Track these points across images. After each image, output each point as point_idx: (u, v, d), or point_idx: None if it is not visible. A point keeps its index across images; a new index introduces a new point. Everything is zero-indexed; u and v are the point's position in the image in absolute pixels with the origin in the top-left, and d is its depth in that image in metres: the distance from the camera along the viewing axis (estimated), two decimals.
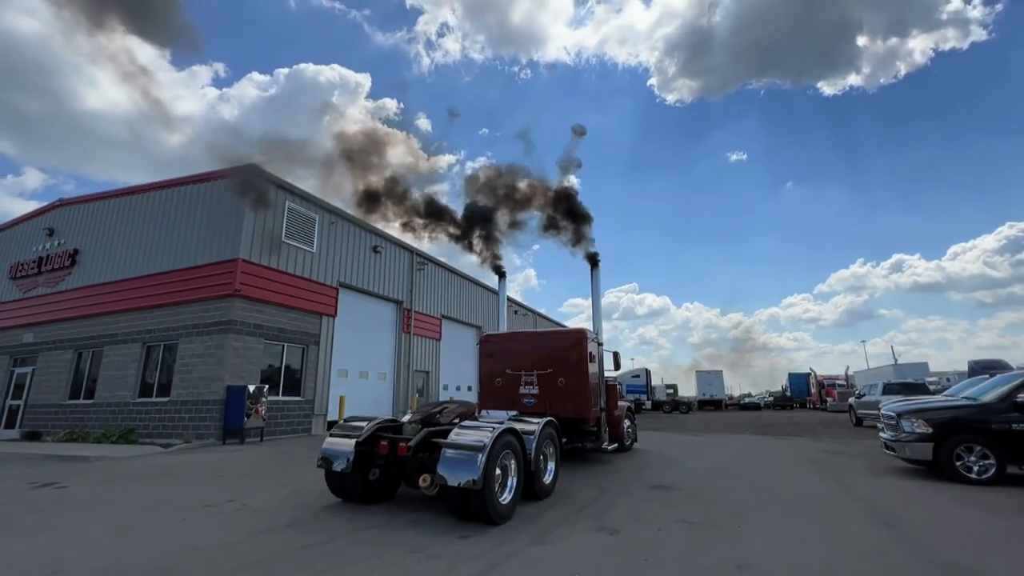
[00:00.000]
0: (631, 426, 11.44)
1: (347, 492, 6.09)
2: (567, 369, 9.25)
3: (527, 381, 9.46)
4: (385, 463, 5.89)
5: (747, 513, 5.74)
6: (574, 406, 9.08)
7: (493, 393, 9.69)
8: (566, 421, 8.94)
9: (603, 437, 9.68)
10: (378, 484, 6.04)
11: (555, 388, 9.23)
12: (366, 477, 5.93)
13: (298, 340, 14.29)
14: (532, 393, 9.39)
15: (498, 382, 9.68)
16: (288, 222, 14.21)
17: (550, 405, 9.11)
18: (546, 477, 6.61)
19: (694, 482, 7.69)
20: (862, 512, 5.82)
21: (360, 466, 5.82)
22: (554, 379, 9.27)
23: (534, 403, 9.28)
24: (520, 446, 5.91)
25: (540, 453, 6.39)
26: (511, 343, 10.01)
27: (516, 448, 5.79)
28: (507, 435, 5.59)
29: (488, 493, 5.05)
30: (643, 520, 5.38)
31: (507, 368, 9.64)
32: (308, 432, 14.20)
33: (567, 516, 5.53)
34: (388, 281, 18.62)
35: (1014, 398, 7.51)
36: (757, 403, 51.78)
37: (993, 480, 7.31)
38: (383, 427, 6.24)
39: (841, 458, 10.41)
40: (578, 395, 9.13)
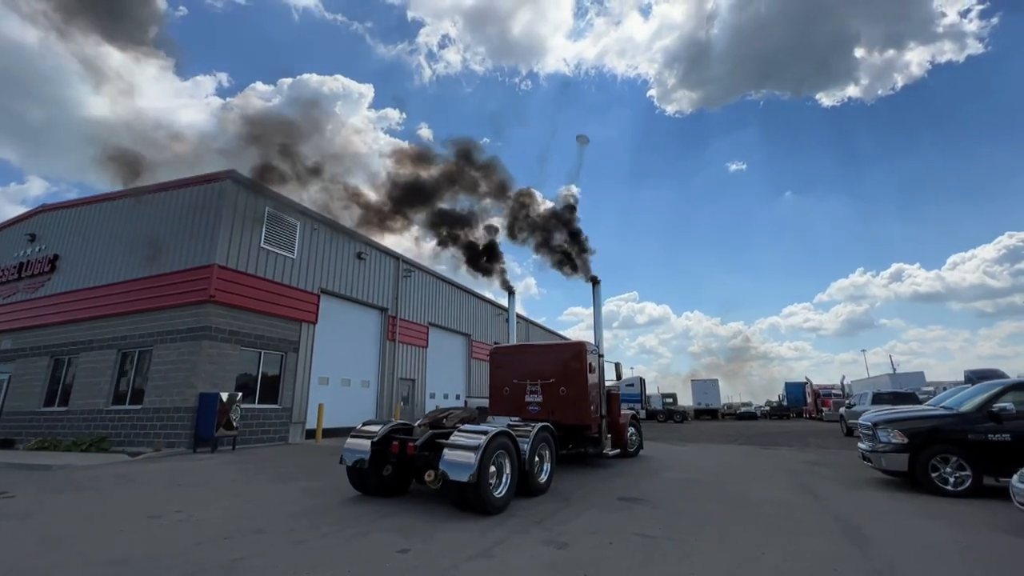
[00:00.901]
0: (635, 433, 11.84)
1: (365, 486, 6.86)
2: (568, 379, 9.79)
3: (532, 390, 10.04)
4: (397, 461, 6.70)
5: (709, 526, 5.56)
6: (574, 413, 9.61)
7: (501, 401, 10.34)
8: (568, 427, 9.62)
9: (604, 443, 10.15)
10: (391, 479, 6.89)
11: (557, 396, 9.77)
12: (381, 473, 6.79)
13: (276, 347, 14.11)
14: (536, 401, 9.96)
15: (506, 391, 10.32)
16: (268, 228, 14.10)
17: (552, 412, 9.65)
18: (541, 476, 7.25)
19: (664, 493, 7.49)
20: (828, 525, 5.65)
21: (376, 463, 6.65)
22: (556, 388, 9.81)
23: (538, 410, 9.84)
24: (515, 448, 6.59)
25: (536, 455, 7.09)
26: (517, 355, 10.67)
27: (510, 449, 6.48)
28: (501, 437, 6.28)
29: (483, 487, 5.76)
30: (598, 533, 5.20)
31: (514, 378, 10.27)
32: (285, 440, 13.97)
33: (522, 527, 5.35)
34: (373, 288, 18.46)
35: (990, 408, 7.35)
36: (753, 412, 51.42)
37: (969, 492, 7.13)
38: (396, 430, 7.02)
39: (822, 469, 10.22)
40: (578, 403, 9.65)
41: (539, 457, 7.26)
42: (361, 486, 6.89)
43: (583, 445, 10.01)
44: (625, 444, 11.19)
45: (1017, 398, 7.43)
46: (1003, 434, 7.15)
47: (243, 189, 13.51)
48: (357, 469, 6.71)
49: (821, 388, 45.63)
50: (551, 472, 7.51)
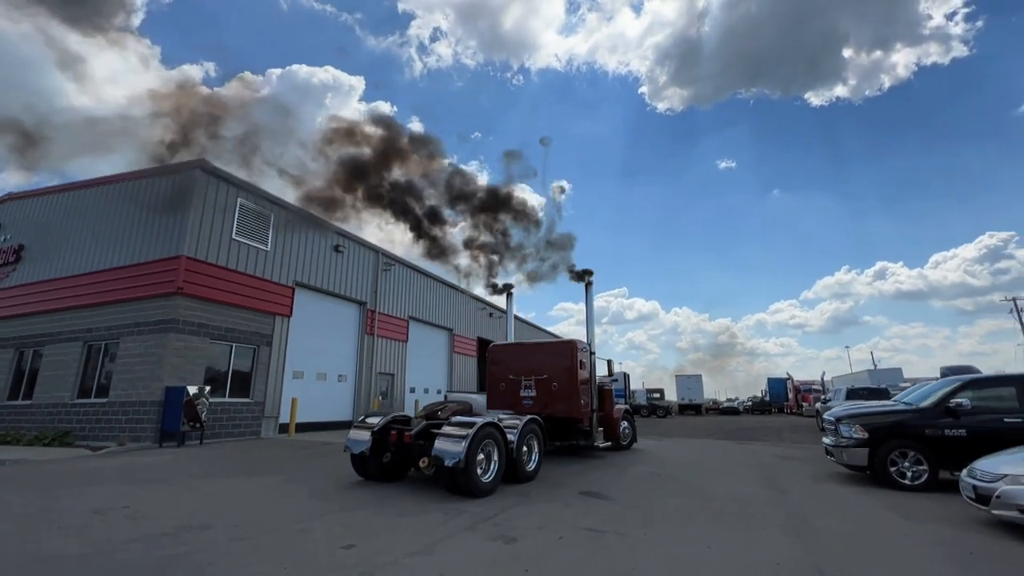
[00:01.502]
0: (628, 427, 12.41)
1: (368, 472, 7.44)
2: (559, 375, 10.32)
3: (526, 385, 10.57)
4: (395, 449, 7.27)
5: (664, 520, 5.55)
6: (565, 407, 10.16)
7: (497, 395, 10.85)
8: (560, 420, 10.30)
9: (595, 436, 10.70)
10: (391, 466, 7.46)
11: (549, 391, 10.32)
12: (381, 460, 7.37)
13: (248, 340, 13.87)
14: (530, 396, 10.49)
15: (502, 386, 10.83)
16: (240, 219, 13.83)
17: (545, 406, 10.19)
18: (530, 465, 7.82)
19: (628, 488, 7.49)
20: (783, 520, 5.66)
21: (376, 451, 7.25)
22: (549, 384, 10.36)
23: (532, 404, 10.33)
24: (502, 438, 7.12)
25: (524, 445, 7.67)
26: (513, 352, 11.22)
27: (498, 439, 7.01)
28: (488, 428, 6.81)
29: (471, 473, 6.33)
30: (549, 528, 5.16)
31: (509, 374, 10.79)
32: (257, 435, 13.77)
33: (474, 522, 5.29)
34: (351, 281, 18.24)
35: (947, 403, 7.44)
36: (736, 408, 51.93)
37: (925, 486, 7.22)
38: (395, 421, 7.54)
39: (790, 463, 10.31)
40: (569, 397, 10.18)
41: (527, 447, 7.85)
42: (364, 472, 7.50)
43: (575, 437, 10.59)
44: (618, 437, 11.72)
45: (973, 394, 7.54)
46: (959, 429, 7.24)
47: (214, 179, 13.22)
48: (360, 456, 7.30)
49: (802, 384, 46.31)
50: (539, 461, 8.05)
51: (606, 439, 11.40)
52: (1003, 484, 5.11)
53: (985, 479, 5.34)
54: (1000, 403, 7.39)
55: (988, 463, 5.61)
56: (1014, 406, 7.23)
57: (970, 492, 5.49)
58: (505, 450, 7.14)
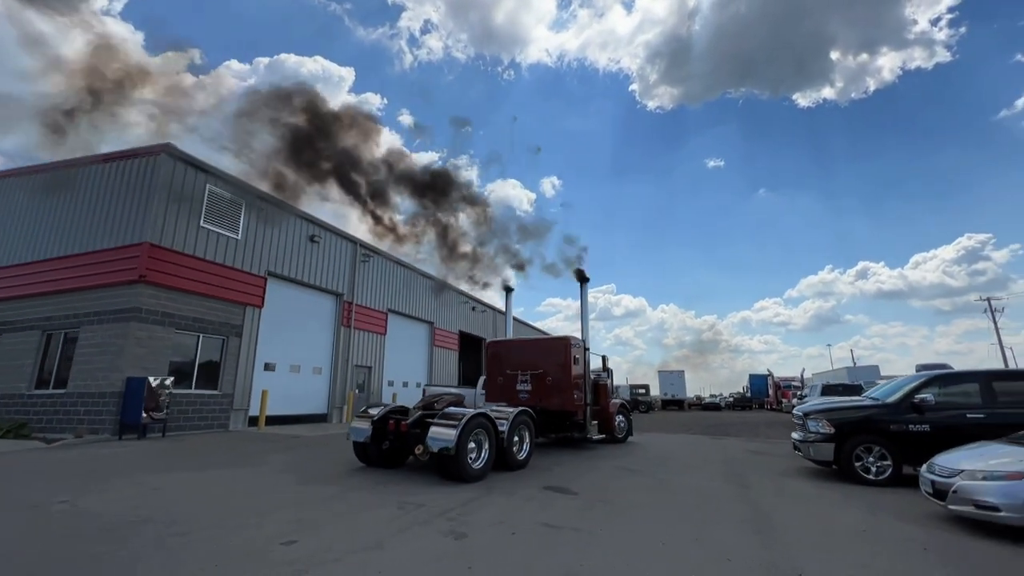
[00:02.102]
0: (624, 421, 12.68)
1: (369, 458, 7.98)
2: (554, 369, 10.70)
3: (522, 379, 10.95)
4: (394, 437, 7.67)
5: (623, 516, 5.45)
6: (559, 400, 10.54)
7: (495, 389, 11.25)
8: (554, 413, 10.61)
9: (589, 428, 10.97)
10: (390, 453, 7.92)
11: (544, 385, 10.70)
12: (381, 447, 7.84)
13: (217, 331, 13.49)
14: (526, 389, 10.88)
15: (500, 380, 11.25)
16: (208, 206, 13.40)
17: (540, 399, 10.57)
18: (521, 454, 8.22)
19: (594, 482, 7.40)
20: (743, 515, 5.61)
21: (376, 439, 7.69)
22: (544, 378, 10.74)
23: (528, 397, 10.71)
24: (493, 428, 7.54)
25: (515, 435, 8.09)
26: (510, 348, 11.68)
27: (488, 429, 7.44)
28: (479, 418, 7.25)
29: (461, 460, 6.76)
30: (505, 523, 5.02)
31: (507, 369, 11.21)
32: (225, 427, 13.43)
33: (428, 517, 5.13)
34: (327, 272, 17.87)
35: (912, 399, 7.46)
36: (718, 403, 52.57)
37: (889, 481, 7.24)
38: (393, 411, 7.95)
39: (761, 459, 10.33)
40: (562, 391, 10.57)
41: (519, 437, 8.25)
42: (365, 459, 8.01)
43: (569, 430, 10.91)
44: (613, 430, 12.01)
45: (938, 390, 7.57)
46: (923, 424, 7.27)
47: (181, 164, 12.78)
48: (361, 444, 7.80)
49: (782, 380, 46.85)
50: (530, 450, 8.47)
51: (601, 432, 11.65)
52: (960, 479, 5.09)
53: (943, 474, 5.33)
54: (963, 399, 7.44)
55: (946, 458, 5.60)
56: (977, 402, 7.29)
57: (928, 487, 5.48)
58: (496, 440, 7.55)
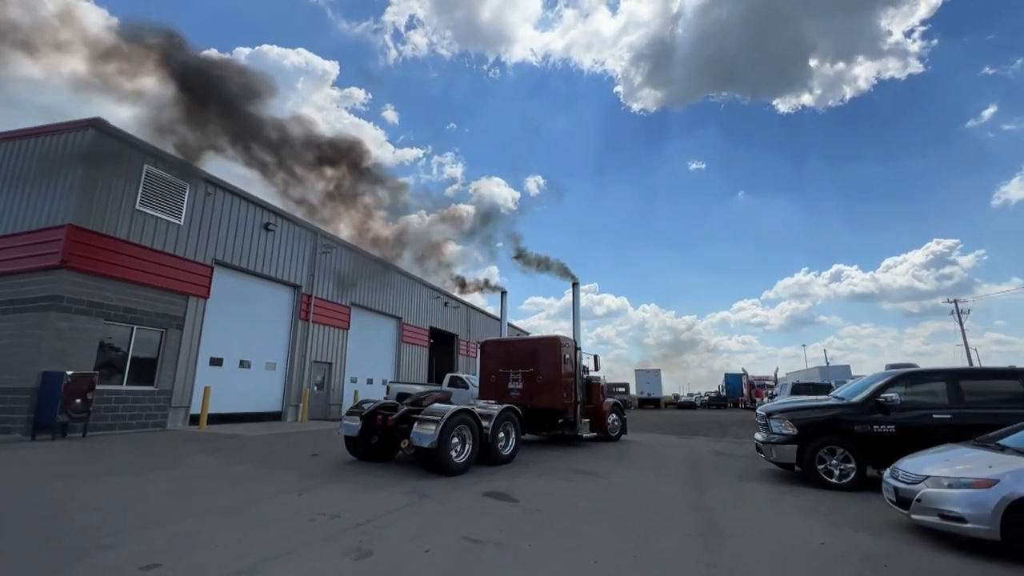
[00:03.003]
0: (618, 420, 12.71)
1: (359, 452, 8.27)
2: (544, 368, 10.92)
3: (514, 378, 11.19)
4: (382, 432, 7.94)
5: (558, 527, 4.87)
6: (549, 398, 10.75)
7: (488, 387, 11.52)
8: (544, 411, 10.84)
9: (579, 426, 11.10)
10: (378, 447, 8.17)
11: (535, 383, 10.92)
12: (370, 441, 8.12)
13: (154, 322, 12.51)
14: (518, 387, 11.09)
15: (492, 378, 11.50)
16: (145, 188, 12.39)
17: (531, 397, 10.81)
18: (506, 450, 8.45)
19: (539, 487, 6.81)
20: (694, 526, 5.08)
21: (366, 434, 8.02)
22: (534, 376, 10.97)
23: (519, 395, 10.92)
24: (476, 424, 7.76)
25: (500, 431, 8.33)
26: (502, 347, 11.94)
27: (472, 425, 7.67)
28: (461, 415, 7.45)
29: (443, 454, 7.02)
30: (422, 537, 4.39)
31: (499, 367, 11.47)
32: (163, 427, 12.48)
33: (336, 531, 4.47)
34: (283, 263, 16.92)
35: (877, 398, 7.06)
36: (693, 402, 52.86)
37: (853, 485, 6.83)
38: (382, 407, 8.29)
39: (725, 460, 9.91)
40: (552, 389, 10.76)
41: (504, 433, 8.47)
42: (355, 452, 8.29)
43: (560, 428, 11.04)
44: (606, 429, 12.14)
45: (905, 389, 7.20)
46: (888, 425, 6.88)
47: (113, 141, 11.77)
48: (351, 439, 8.13)
49: (757, 380, 47.15)
50: (516, 446, 8.68)
51: (594, 430, 11.79)
52: (924, 486, 4.65)
53: (906, 480, 4.88)
54: (930, 398, 7.09)
55: (911, 463, 5.17)
56: (943, 401, 6.93)
57: (891, 495, 5.03)
58: (480, 435, 7.77)
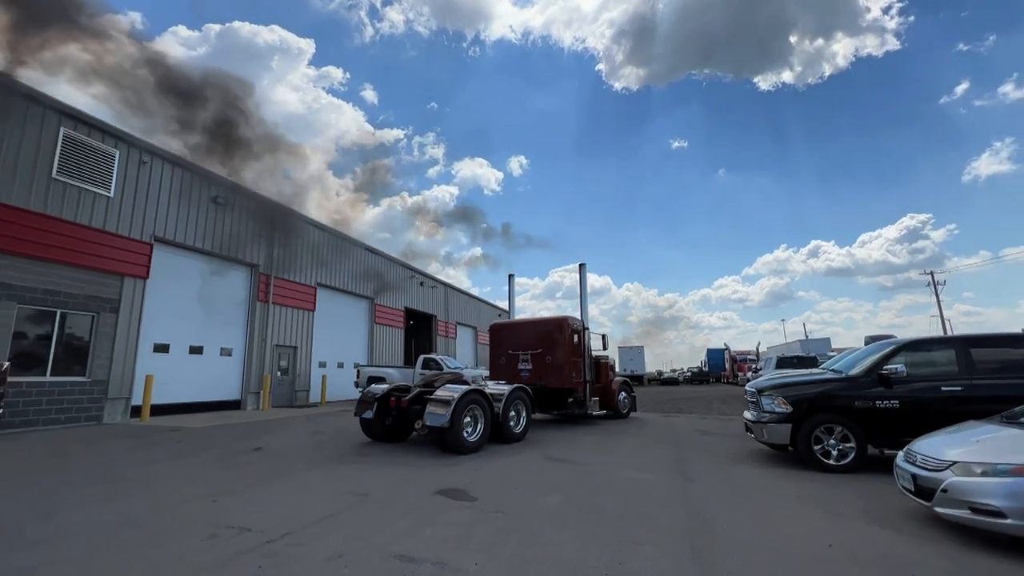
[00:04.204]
0: (627, 397, 12.89)
1: (374, 433, 8.47)
2: (552, 349, 11.10)
3: (523, 359, 11.38)
4: (396, 413, 8.20)
5: (515, 535, 4.00)
6: (558, 378, 10.95)
7: (498, 368, 11.78)
8: (554, 390, 11.15)
9: (588, 405, 11.24)
10: (393, 428, 8.42)
11: (544, 364, 11.12)
12: (384, 423, 8.35)
13: (83, 306, 11.23)
14: (527, 368, 11.30)
15: (502, 360, 11.73)
16: (63, 154, 10.96)
17: (540, 377, 11.03)
18: (517, 428, 8.69)
19: (505, 480, 5.97)
20: (679, 524, 4.28)
21: (380, 415, 8.24)
22: (543, 357, 11.14)
23: (528, 376, 11.13)
24: (488, 403, 7.99)
25: (511, 410, 8.56)
26: (511, 329, 12.11)
27: (483, 404, 7.89)
28: (473, 395, 7.70)
29: (456, 433, 7.23)
30: (343, 557, 3.48)
31: (509, 349, 11.68)
32: (98, 420, 11.31)
33: (236, 552, 3.52)
34: (236, 240, 15.56)
35: (880, 370, 6.32)
36: (676, 378, 52.87)
37: (852, 467, 6.13)
38: (396, 389, 8.54)
39: (710, 440, 9.22)
40: (561, 369, 10.94)
41: (515, 412, 8.72)
42: (371, 434, 8.50)
43: (569, 407, 11.22)
44: (616, 407, 12.31)
45: (910, 359, 6.46)
46: (892, 400, 6.16)
47: (17, 100, 10.28)
48: (367, 421, 8.32)
49: (739, 354, 47.28)
50: (527, 424, 8.95)
51: (603, 408, 11.90)
52: (951, 475, 3.87)
53: (928, 467, 4.10)
54: (937, 369, 6.36)
55: (929, 445, 4.40)
56: (952, 371, 6.21)
57: (908, 482, 4.27)
58: (491, 415, 7.96)
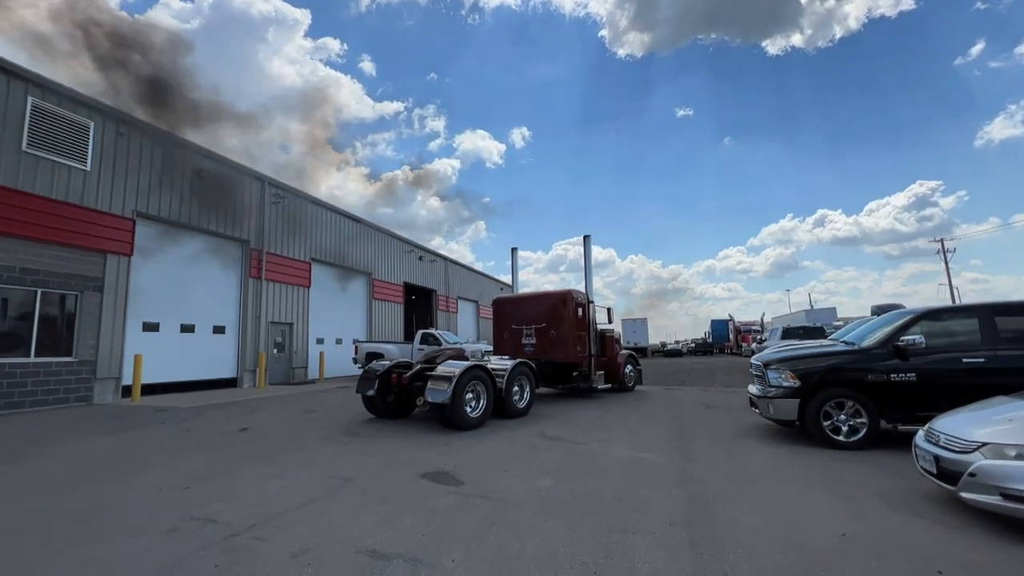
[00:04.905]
0: (633, 371, 12.77)
1: (376, 410, 8.41)
2: (556, 323, 10.92)
3: (527, 333, 11.24)
4: (398, 390, 8.11)
5: (501, 523, 3.68)
6: (562, 352, 10.77)
7: (502, 343, 11.60)
8: (558, 365, 10.95)
9: (593, 379, 11.06)
10: (395, 404, 8.32)
11: (548, 338, 10.96)
12: (386, 400, 8.27)
13: (64, 285, 10.89)
14: (531, 343, 11.17)
15: (506, 335, 11.59)
16: (33, 125, 10.42)
17: (544, 352, 10.86)
18: (521, 403, 8.55)
19: (495, 461, 5.66)
20: (676, 511, 3.95)
21: (382, 392, 8.15)
22: (547, 331, 10.99)
23: (532, 350, 10.98)
24: (490, 379, 7.84)
25: (514, 385, 8.42)
26: (515, 303, 11.92)
27: (485, 380, 7.75)
28: (474, 370, 7.54)
29: (457, 409, 7.14)
30: (309, 552, 3.16)
31: (512, 324, 11.52)
32: (88, 401, 11.12)
33: (193, 548, 3.21)
34: (225, 215, 15.11)
35: (896, 341, 5.88)
36: (679, 350, 52.75)
37: (863, 443, 5.78)
38: (398, 365, 8.43)
39: (713, 414, 8.90)
40: (565, 343, 10.76)
41: (518, 387, 8.56)
42: (374, 411, 8.46)
43: (574, 381, 11.09)
44: (622, 380, 12.21)
45: (928, 329, 6.02)
46: (908, 373, 5.75)
47: None
48: (368, 397, 8.23)
49: (743, 325, 46.94)
50: (530, 399, 8.81)
51: (608, 382, 11.82)
52: (980, 457, 3.48)
53: (954, 448, 3.71)
54: (958, 339, 5.92)
55: (952, 424, 4.00)
56: (975, 341, 5.77)
57: (929, 464, 3.89)
58: (494, 390, 7.87)
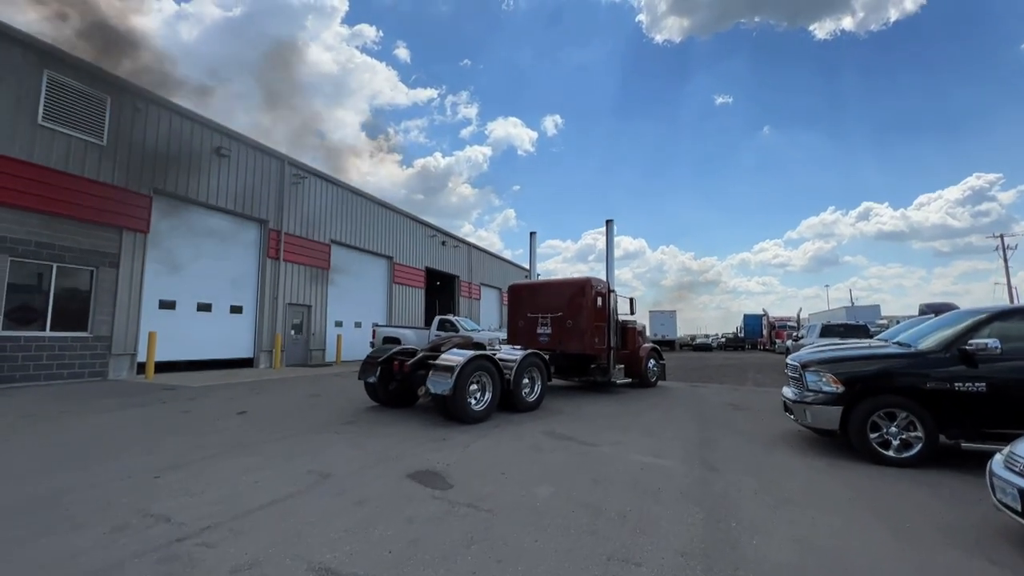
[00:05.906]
0: (656, 365, 12.08)
1: (378, 398, 8.11)
2: (574, 312, 10.39)
3: (543, 323, 10.76)
4: (400, 378, 7.71)
5: (485, 542, 3.16)
6: (579, 343, 10.22)
7: (516, 332, 11.13)
8: (575, 356, 10.34)
9: (612, 372, 10.55)
10: (397, 393, 8.00)
11: (564, 328, 10.43)
12: (388, 387, 7.97)
13: (80, 260, 10.90)
14: (546, 332, 10.66)
15: (520, 323, 11.12)
16: (48, 98, 10.36)
17: (560, 342, 10.35)
18: (531, 396, 8.11)
19: (492, 462, 5.15)
20: (692, 529, 3.37)
21: (384, 379, 7.84)
22: (564, 321, 10.46)
23: (548, 340, 10.51)
24: (497, 370, 7.40)
25: (524, 377, 7.99)
26: (531, 290, 11.41)
27: (491, 371, 7.30)
28: (479, 360, 7.09)
29: (459, 401, 6.77)
30: (257, 566, 2.71)
31: (528, 312, 11.04)
32: (103, 376, 11.19)
33: (132, 552, 2.82)
34: (243, 194, 14.95)
35: (962, 344, 5.04)
36: (709, 344, 51.10)
37: (917, 460, 5.00)
38: (401, 352, 8.02)
39: (743, 416, 8.17)
40: (582, 334, 10.22)
41: (528, 379, 8.14)
42: (375, 398, 8.16)
43: (592, 374, 10.57)
44: (643, 375, 11.51)
45: (1002, 331, 5.14)
46: (977, 382, 4.91)
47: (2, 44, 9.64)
48: (370, 384, 7.96)
49: (777, 321, 45.03)
50: (542, 393, 8.33)
51: (629, 376, 11.23)
52: None
53: None
54: None
55: None
56: None
57: (1013, 499, 3.14)
58: (501, 381, 7.43)
